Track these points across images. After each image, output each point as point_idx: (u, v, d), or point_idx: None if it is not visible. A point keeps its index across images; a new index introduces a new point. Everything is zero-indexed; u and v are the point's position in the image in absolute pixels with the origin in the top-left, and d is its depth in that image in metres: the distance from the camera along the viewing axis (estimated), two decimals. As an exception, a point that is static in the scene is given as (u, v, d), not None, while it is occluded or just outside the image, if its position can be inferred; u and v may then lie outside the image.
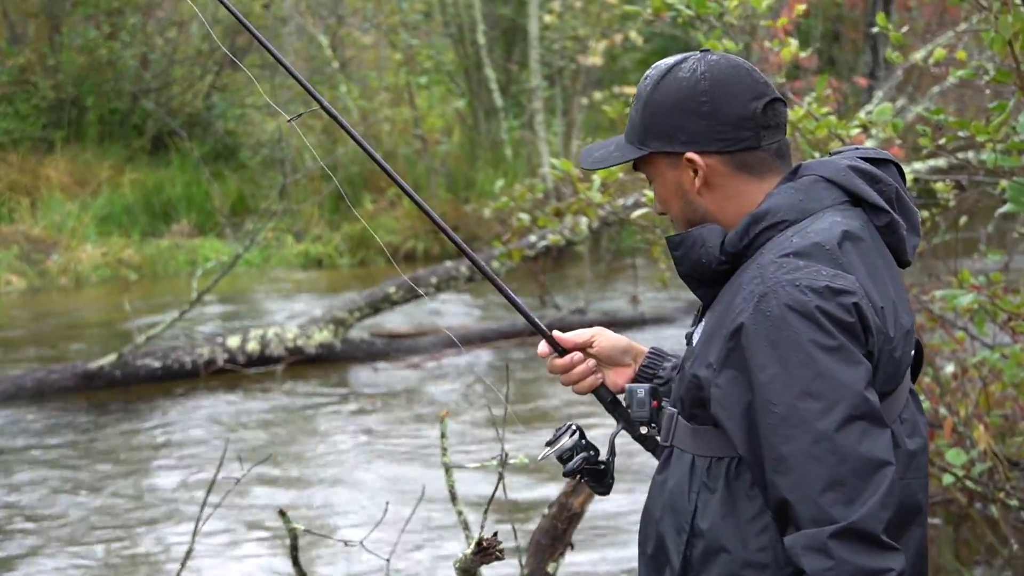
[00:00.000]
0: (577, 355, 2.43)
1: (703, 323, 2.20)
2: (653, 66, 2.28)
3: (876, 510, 1.97)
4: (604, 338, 2.45)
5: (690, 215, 2.18)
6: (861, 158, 2.23)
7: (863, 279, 2.06)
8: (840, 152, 2.30)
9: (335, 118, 2.66)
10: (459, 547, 5.08)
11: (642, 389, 2.39)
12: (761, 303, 2.00)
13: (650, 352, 2.49)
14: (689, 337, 2.28)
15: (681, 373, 2.23)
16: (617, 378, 2.48)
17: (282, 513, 4.47)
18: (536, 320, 2.60)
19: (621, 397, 2.51)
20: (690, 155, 2.15)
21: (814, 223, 2.11)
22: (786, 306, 1.97)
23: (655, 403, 2.35)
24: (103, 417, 10.08)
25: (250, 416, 10.09)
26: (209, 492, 5.53)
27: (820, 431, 1.96)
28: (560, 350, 2.45)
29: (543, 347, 2.44)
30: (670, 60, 2.28)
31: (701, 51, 2.28)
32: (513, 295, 2.59)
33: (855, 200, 2.17)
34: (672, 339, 10.81)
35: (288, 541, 4.65)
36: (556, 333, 2.47)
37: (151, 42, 20.44)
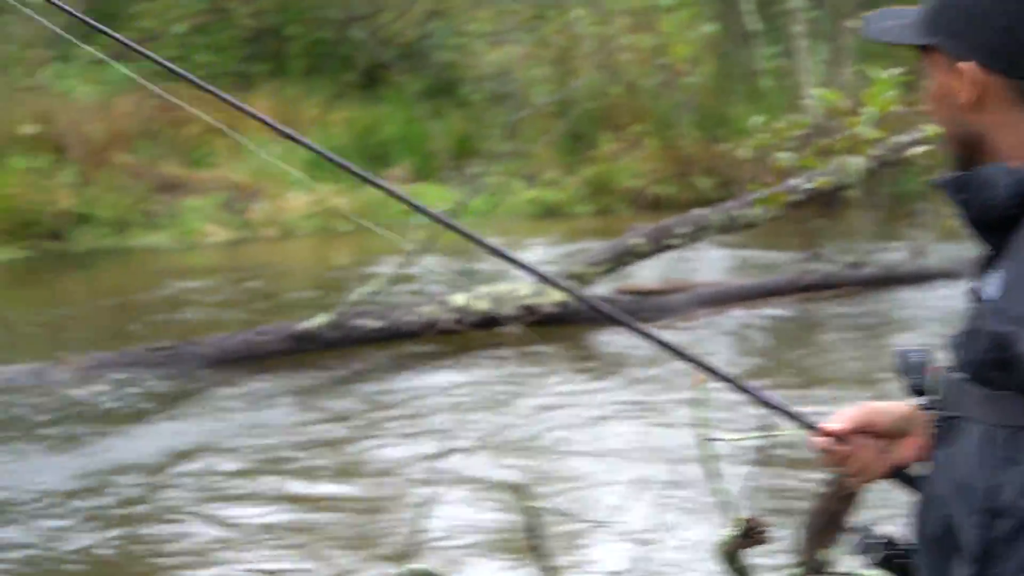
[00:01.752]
0: (861, 439, 2.34)
1: (999, 274, 2.05)
2: None
3: None
4: (879, 412, 2.36)
5: (957, 130, 2.11)
6: None
7: None
8: None
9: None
10: (706, 529, 5.28)
11: (916, 353, 2.34)
12: None
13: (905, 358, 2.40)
14: (976, 292, 2.12)
15: (972, 333, 2.08)
16: (904, 452, 2.36)
17: (514, 487, 4.55)
18: (784, 405, 2.55)
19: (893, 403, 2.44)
20: (965, 65, 2.06)
21: None
22: None
23: (930, 369, 2.32)
24: (317, 383, 9.95)
25: (479, 382, 10.03)
26: (438, 461, 6.00)
27: None
28: (836, 438, 2.37)
29: (814, 439, 2.36)
30: None
31: None
32: (721, 369, 2.57)
33: None
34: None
35: (526, 516, 4.69)
36: (822, 424, 2.39)
37: None
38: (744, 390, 2.49)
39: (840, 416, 2.30)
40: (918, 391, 2.26)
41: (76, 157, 16.99)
